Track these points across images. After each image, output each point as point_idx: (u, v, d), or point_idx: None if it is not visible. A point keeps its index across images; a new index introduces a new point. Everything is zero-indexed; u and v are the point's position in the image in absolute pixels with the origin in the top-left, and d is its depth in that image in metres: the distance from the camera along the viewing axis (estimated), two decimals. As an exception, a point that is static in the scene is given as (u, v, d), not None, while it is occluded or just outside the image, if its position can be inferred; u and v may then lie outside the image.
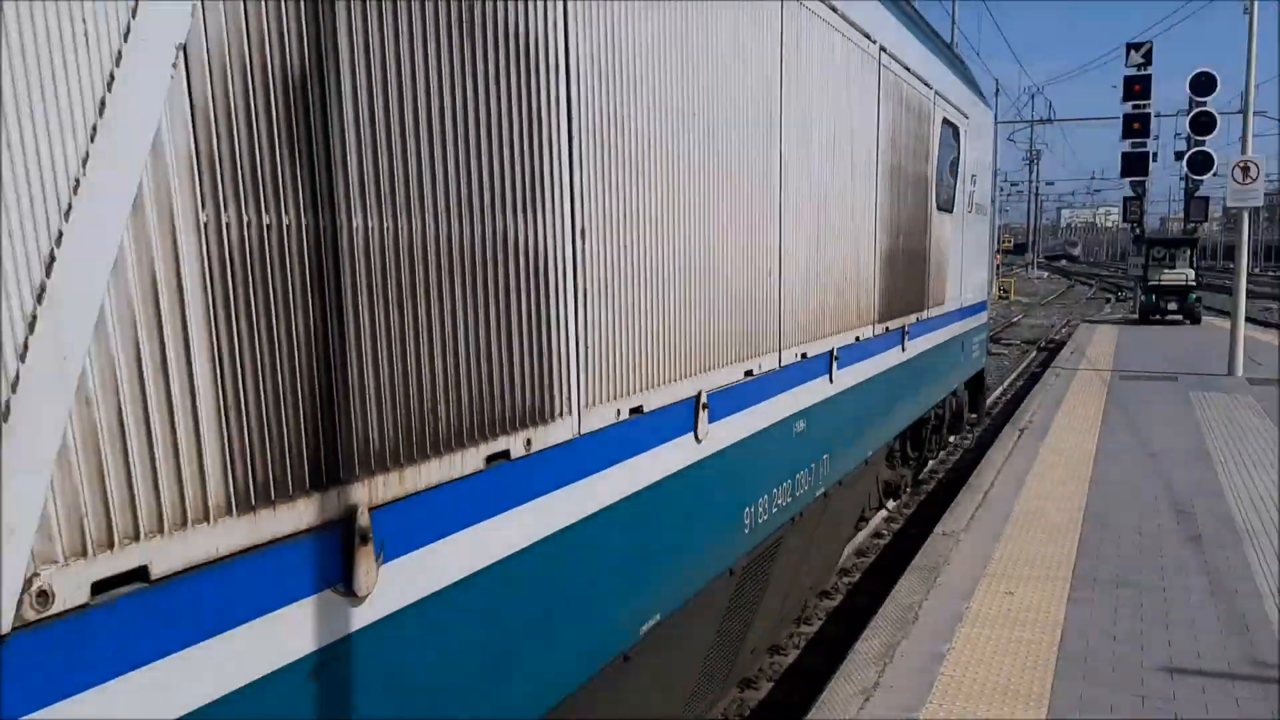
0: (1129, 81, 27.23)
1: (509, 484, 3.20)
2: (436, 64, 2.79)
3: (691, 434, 4.58)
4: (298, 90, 2.34)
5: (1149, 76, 27.63)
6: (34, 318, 1.82)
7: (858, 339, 7.29)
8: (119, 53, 1.95)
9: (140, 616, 2.04)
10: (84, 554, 1.92)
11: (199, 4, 2.10)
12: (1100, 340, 25.33)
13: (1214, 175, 22.66)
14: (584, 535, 3.65)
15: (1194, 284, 30.06)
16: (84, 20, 1.87)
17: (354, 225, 2.53)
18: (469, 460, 2.98)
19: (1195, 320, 29.55)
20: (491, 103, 3.03)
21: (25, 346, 1.81)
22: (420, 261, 2.76)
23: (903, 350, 8.81)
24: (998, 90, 42.80)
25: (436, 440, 2.84)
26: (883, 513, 10.67)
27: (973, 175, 12.26)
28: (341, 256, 2.49)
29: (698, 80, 4.50)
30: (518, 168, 3.18)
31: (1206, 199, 31.79)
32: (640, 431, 4.09)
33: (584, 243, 3.58)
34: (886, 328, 8.16)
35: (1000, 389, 19.99)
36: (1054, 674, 5.31)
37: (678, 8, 4.20)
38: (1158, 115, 33.35)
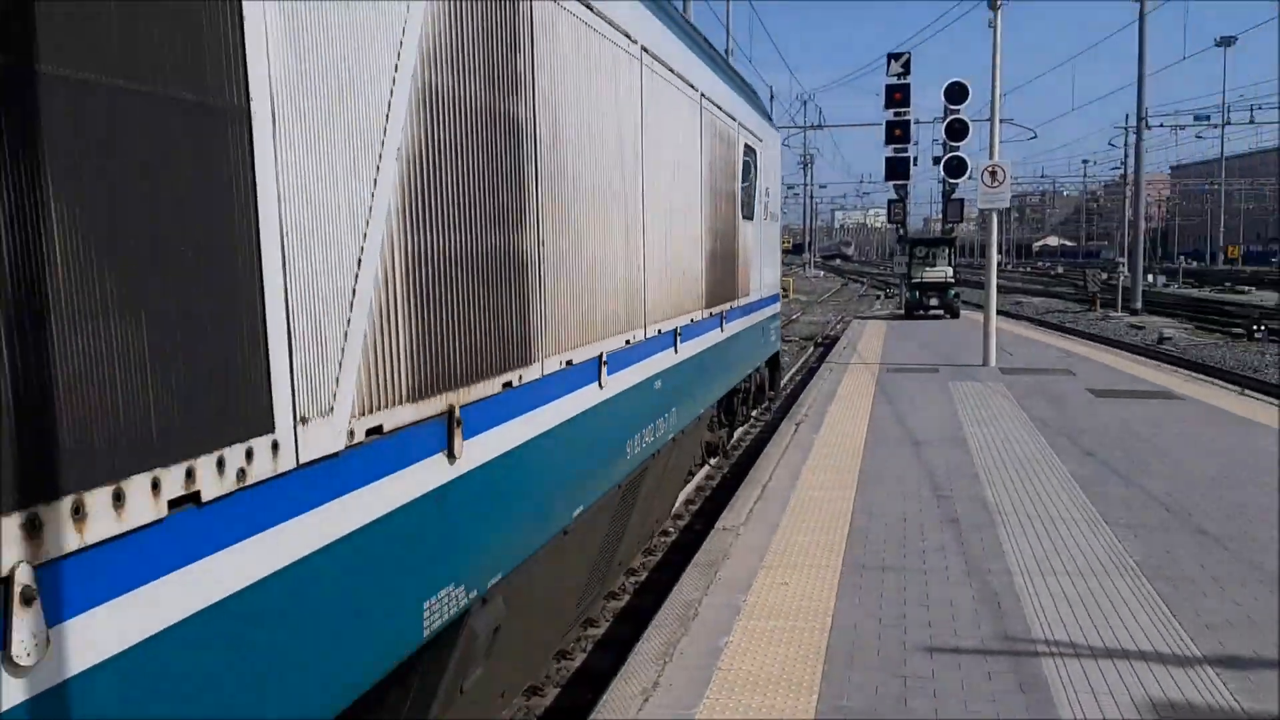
0: (890, 90, 28.93)
1: (513, 401, 4.92)
2: (482, 139, 4.60)
3: (596, 382, 6.32)
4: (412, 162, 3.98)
5: (908, 85, 29.40)
6: (355, 284, 3.49)
7: (693, 320, 9.30)
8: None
9: (378, 452, 3.64)
10: (362, 414, 3.51)
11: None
12: (871, 335, 26.72)
13: (968, 178, 24.30)
14: (543, 442, 5.35)
15: (953, 280, 32.15)
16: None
17: (452, 242, 4.28)
18: (493, 386, 4.66)
19: (955, 314, 31.62)
20: (499, 161, 4.77)
21: (351, 306, 3.47)
22: (476, 263, 4.51)
23: (721, 331, 10.84)
24: (772, 97, 44.50)
25: (481, 373, 4.53)
26: (705, 468, 12.82)
27: (766, 188, 14.44)
28: (449, 265, 4.23)
29: (602, 135, 6.39)
30: (510, 201, 4.90)
31: (962, 201, 34.04)
32: (572, 376, 5.83)
33: (543, 248, 5.32)
34: (710, 312, 10.18)
35: (780, 384, 20.76)
36: (824, 661, 5.50)
37: (589, 99, 6.14)
38: (917, 122, 35.45)
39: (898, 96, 29.23)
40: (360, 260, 3.55)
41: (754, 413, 15.92)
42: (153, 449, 2.51)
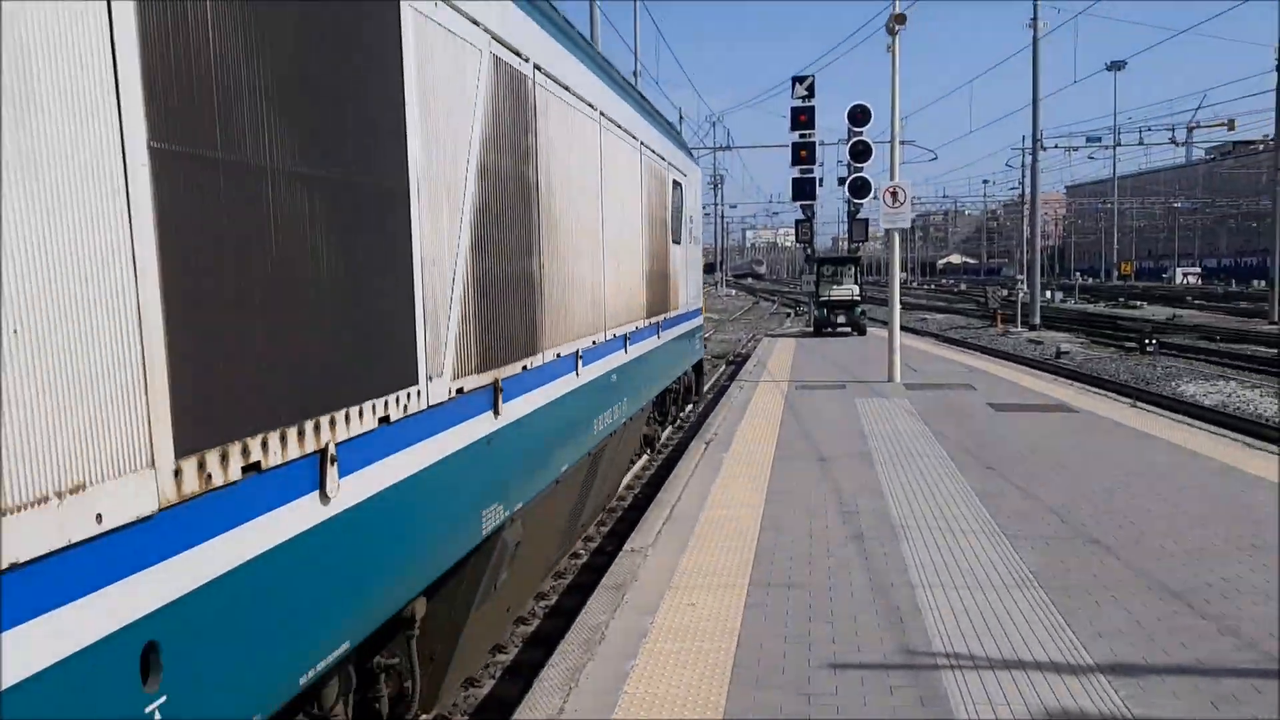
0: (795, 112, 29.36)
1: (528, 379, 6.81)
2: (510, 195, 6.48)
3: (574, 372, 8.22)
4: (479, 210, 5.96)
5: (812, 108, 29.88)
6: (453, 287, 5.36)
7: (637, 327, 11.25)
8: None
9: (460, 405, 5.39)
10: (454, 379, 5.29)
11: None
12: (780, 352, 27.06)
13: (872, 199, 24.79)
14: (545, 410, 7.26)
15: (860, 298, 32.77)
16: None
17: (496, 267, 6.15)
18: (517, 368, 6.50)
19: (861, 332, 32.21)
20: (519, 209, 6.67)
21: (450, 310, 5.34)
22: (507, 279, 6.36)
23: (658, 337, 12.93)
24: (681, 118, 44.95)
25: (510, 357, 6.33)
26: (644, 458, 14.73)
27: (690, 215, 16.59)
28: (494, 283, 6.07)
29: (576, 184, 8.38)
30: (525, 237, 6.84)
31: (867, 220, 34.63)
32: (561, 365, 7.70)
33: (543, 270, 7.21)
34: (650, 321, 12.24)
35: (704, 389, 20.86)
36: (730, 681, 5.52)
37: (568, 158, 8.06)
38: (823, 143, 36.11)
39: (803, 119, 29.68)
40: (453, 280, 5.48)
41: (681, 414, 18.12)
42: (375, 389, 4.45)
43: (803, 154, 29.73)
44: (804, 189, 31.01)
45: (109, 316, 2.77)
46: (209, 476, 3.19)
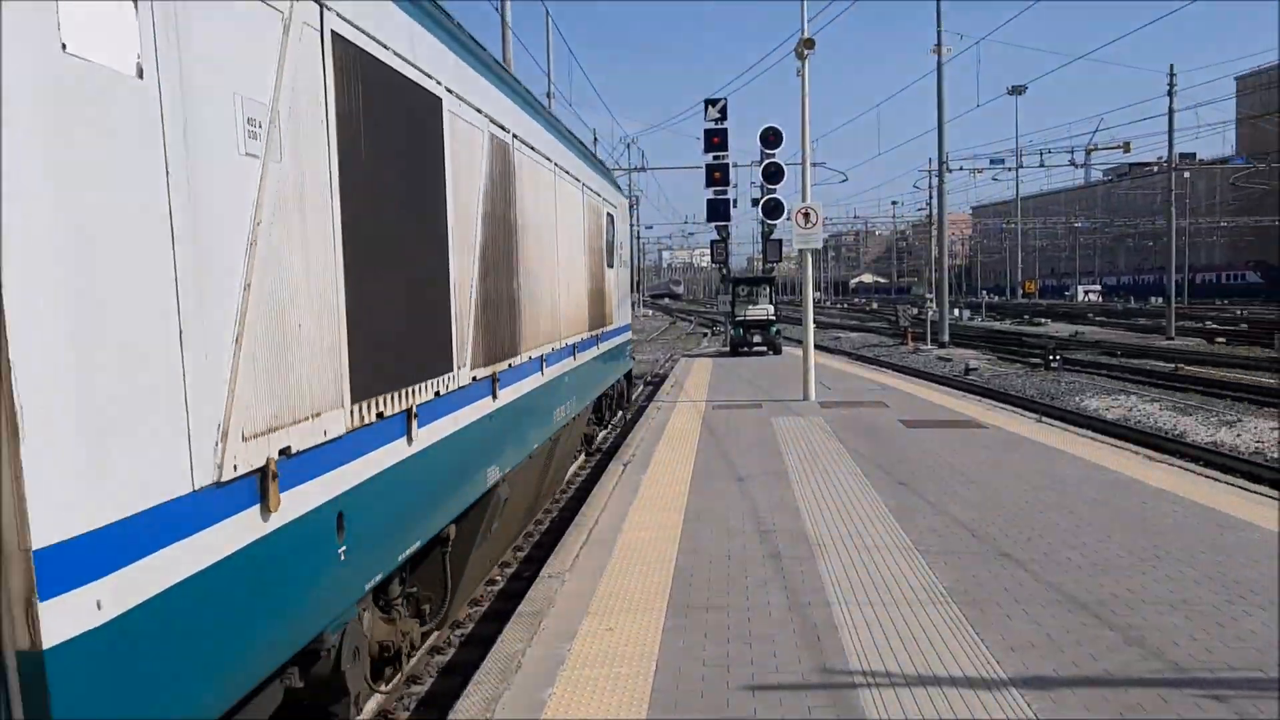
0: (709, 134, 29.68)
1: (512, 375, 8.83)
2: (501, 233, 8.60)
3: (540, 372, 10.22)
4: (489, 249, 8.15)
5: (725, 130, 30.24)
6: (469, 304, 7.57)
7: (582, 339, 13.45)
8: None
9: (474, 390, 7.60)
10: (471, 369, 7.53)
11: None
12: (698, 372, 27.17)
13: (786, 219, 25.09)
14: (523, 399, 9.35)
15: (774, 318, 33.10)
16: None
17: (494, 288, 8.30)
18: (504, 365, 8.52)
19: (777, 351, 32.52)
20: (505, 243, 8.68)
21: (470, 319, 7.58)
22: (499, 297, 8.43)
23: (598, 348, 15.16)
24: (595, 139, 45.00)
25: (502, 357, 8.39)
26: (582, 456, 16.67)
27: (620, 242, 18.85)
28: (493, 300, 8.25)
29: (540, 221, 10.40)
30: (509, 264, 8.81)
31: (781, 241, 35.17)
32: (531, 366, 9.75)
33: (519, 291, 9.21)
34: (591, 334, 14.37)
35: (634, 395, 20.82)
36: (648, 706, 5.46)
37: (534, 201, 9.98)
38: (736, 165, 36.49)
39: (716, 140, 30.02)
40: (470, 298, 7.49)
41: (613, 419, 20.30)
42: (432, 372, 6.49)
43: (717, 175, 30.04)
44: (718, 210, 31.33)
45: (332, 327, 4.95)
46: (363, 418, 5.31)
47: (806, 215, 18.81)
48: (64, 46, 3.07)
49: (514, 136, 9.15)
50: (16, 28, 2.88)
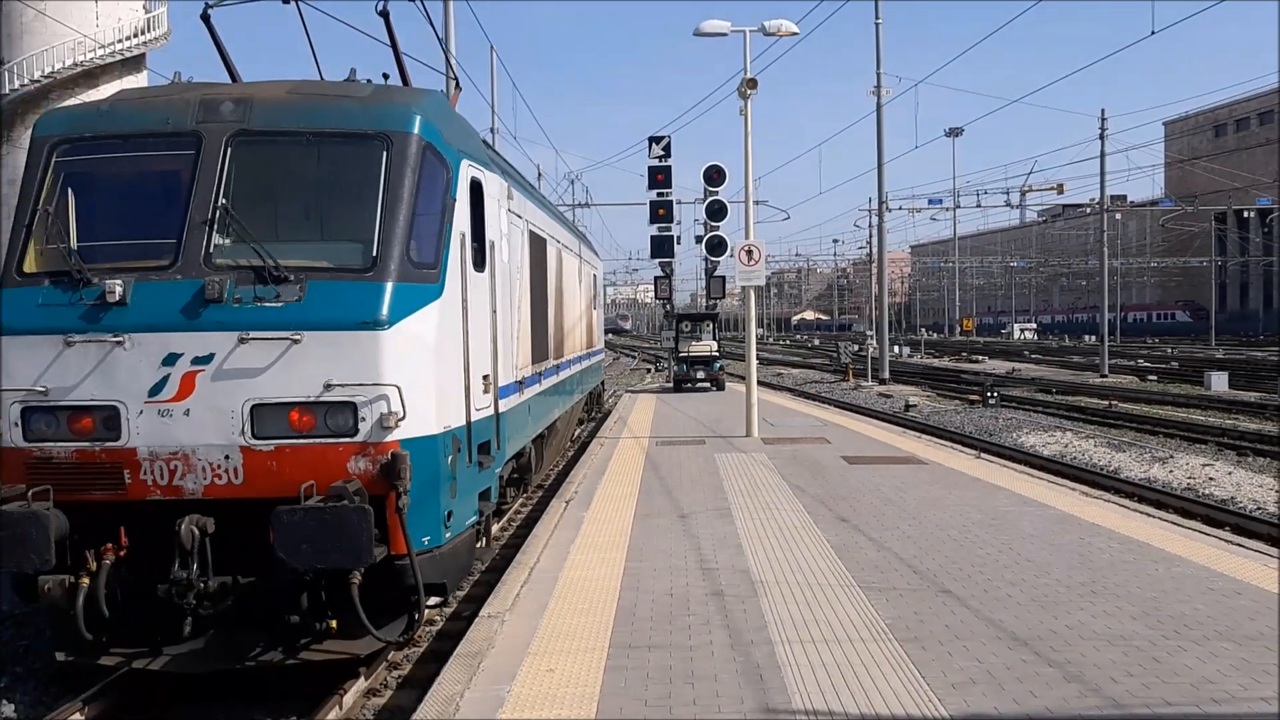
0: (652, 171, 29.93)
1: (543, 374, 14.38)
2: (539, 286, 14.46)
3: (569, 368, 17.82)
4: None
5: (669, 167, 30.53)
6: (521, 330, 12.78)
7: (581, 353, 20.21)
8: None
9: (533, 378, 13.35)
10: (521, 369, 12.46)
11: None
12: (641, 408, 27.14)
13: (729, 256, 25.30)
14: (553, 389, 15.93)
15: (718, 354, 33.22)
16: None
17: (536, 317, 14.13)
18: (540, 367, 14.00)
19: (721, 386, 32.58)
20: (544, 292, 14.96)
21: (523, 336, 13.01)
22: (539, 323, 14.17)
23: (590, 360, 22.80)
24: (540, 175, 45.21)
25: (538, 360, 13.85)
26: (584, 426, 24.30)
27: (599, 290, 26.33)
28: (535, 324, 13.78)
29: (564, 283, 17.46)
30: (546, 304, 15.09)
31: (724, 277, 35.48)
32: (564, 365, 17.19)
33: (552, 319, 15.64)
34: (586, 350, 21.44)
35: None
36: (589, 750, 5.36)
37: (560, 271, 17.01)
38: (679, 202, 36.77)
39: (660, 177, 30.27)
40: (522, 322, 12.16)
41: (589, 416, 27.08)
42: (523, 364, 12.36)
43: (660, 212, 30.27)
44: (662, 246, 31.54)
45: (525, 336, 12.30)
46: (522, 375, 11.96)
47: (749, 252, 18.97)
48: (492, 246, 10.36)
49: (561, 245, 16.98)
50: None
